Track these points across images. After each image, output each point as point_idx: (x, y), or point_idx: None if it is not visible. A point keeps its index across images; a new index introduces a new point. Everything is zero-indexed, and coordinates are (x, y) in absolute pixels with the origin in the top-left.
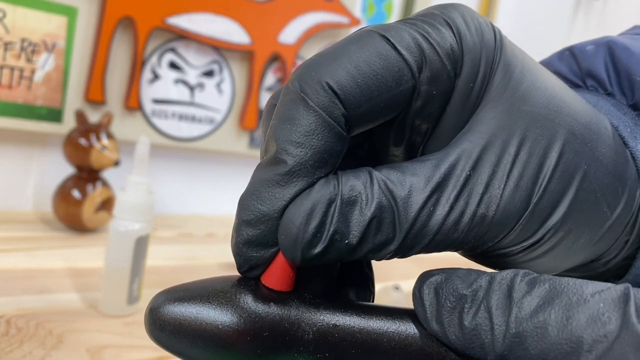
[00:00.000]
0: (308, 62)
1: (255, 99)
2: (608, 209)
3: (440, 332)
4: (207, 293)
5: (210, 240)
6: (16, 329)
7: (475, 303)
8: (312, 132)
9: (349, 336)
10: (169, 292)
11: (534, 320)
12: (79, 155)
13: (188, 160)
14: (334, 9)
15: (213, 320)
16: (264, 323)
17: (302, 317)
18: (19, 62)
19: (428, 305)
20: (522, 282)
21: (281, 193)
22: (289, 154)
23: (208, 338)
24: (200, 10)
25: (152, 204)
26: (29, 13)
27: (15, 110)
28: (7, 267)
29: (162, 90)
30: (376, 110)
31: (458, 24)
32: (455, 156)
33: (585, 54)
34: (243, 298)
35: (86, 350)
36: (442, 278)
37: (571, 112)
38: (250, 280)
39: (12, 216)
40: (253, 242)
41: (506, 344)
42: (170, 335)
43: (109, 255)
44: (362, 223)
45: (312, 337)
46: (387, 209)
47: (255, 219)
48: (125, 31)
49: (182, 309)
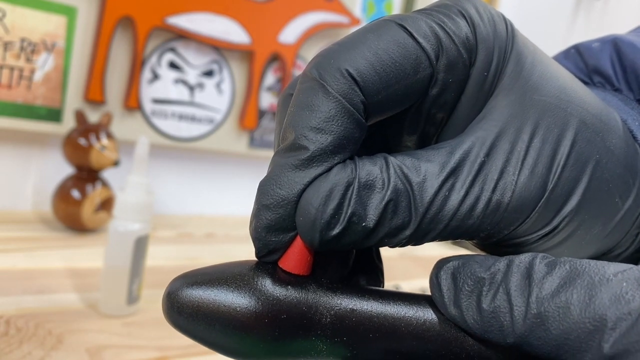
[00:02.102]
0: (326, 51)
1: (255, 99)
2: (620, 200)
3: (459, 317)
4: (224, 276)
5: (209, 240)
6: (16, 329)
7: (494, 286)
8: (332, 118)
9: (367, 320)
10: (187, 276)
11: (555, 300)
12: (78, 155)
13: (188, 160)
14: (334, 8)
15: (231, 303)
16: (282, 306)
17: (319, 301)
18: (18, 62)
19: (445, 290)
20: (541, 264)
21: (300, 177)
22: (308, 140)
23: (226, 321)
24: (200, 9)
25: (151, 204)
26: (29, 13)
27: (14, 110)
28: (7, 267)
29: (162, 90)
30: (394, 98)
31: (472, 15)
32: (469, 143)
33: (591, 51)
34: (261, 281)
35: (85, 351)
36: (459, 263)
37: (582, 102)
38: (267, 264)
39: (12, 216)
40: (272, 227)
41: (527, 325)
42: (188, 319)
43: (108, 256)
44: (378, 206)
45: (329, 320)
46: (403, 193)
47: (275, 203)
48: (125, 31)
49: (200, 292)
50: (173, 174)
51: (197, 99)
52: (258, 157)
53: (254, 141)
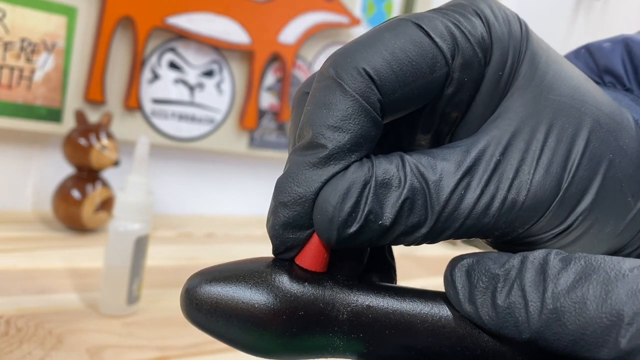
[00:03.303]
0: (342, 50)
1: (255, 99)
2: (632, 199)
3: (474, 313)
4: (242, 273)
5: (209, 240)
6: (16, 329)
7: (508, 282)
8: (349, 116)
9: (383, 317)
10: (204, 273)
11: (571, 296)
12: (78, 155)
13: (188, 160)
14: (334, 8)
15: (249, 300)
16: (299, 302)
17: (336, 297)
18: (18, 62)
19: (460, 287)
20: (555, 259)
21: (317, 175)
22: (326, 138)
23: (244, 317)
24: (200, 10)
25: (151, 204)
26: (29, 13)
27: (14, 110)
28: (7, 267)
29: (162, 90)
30: (410, 96)
31: (487, 14)
32: (484, 142)
33: (602, 51)
34: (278, 278)
35: (86, 351)
36: (473, 260)
37: (595, 102)
38: (284, 261)
39: (12, 216)
40: (290, 224)
41: (542, 320)
42: (206, 315)
43: (108, 255)
44: (395, 204)
45: (346, 317)
46: (420, 192)
47: (292, 201)
48: (125, 31)
49: (218, 289)
50: (173, 174)
51: (197, 99)
52: (258, 157)
53: (254, 141)
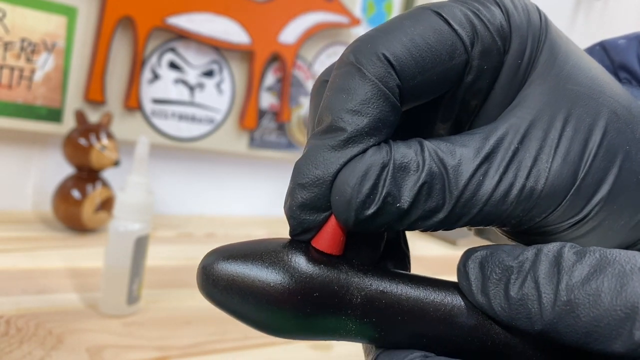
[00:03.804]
0: (363, 37)
1: (255, 99)
2: None
3: (486, 305)
4: (259, 252)
5: (210, 240)
6: (16, 329)
7: (522, 274)
8: (368, 100)
9: (396, 303)
10: (221, 250)
11: (586, 288)
12: (78, 155)
13: (188, 160)
14: (334, 8)
15: (265, 279)
16: (314, 283)
17: (351, 281)
18: (18, 62)
19: (473, 279)
20: (570, 252)
21: (336, 157)
22: (345, 122)
23: (260, 295)
24: (200, 10)
25: (151, 204)
26: (29, 13)
27: (15, 110)
28: (7, 267)
29: (162, 90)
30: (430, 83)
31: (506, 4)
32: (503, 130)
33: (617, 48)
34: (294, 258)
35: (86, 350)
36: (487, 252)
37: (613, 93)
38: (301, 242)
39: (12, 216)
40: (307, 205)
41: (556, 312)
42: (222, 292)
43: (108, 255)
44: (413, 188)
45: (360, 301)
46: (438, 176)
47: (310, 182)
48: (125, 31)
49: (235, 267)
50: (173, 174)
51: (197, 99)
52: (258, 157)
53: (254, 141)
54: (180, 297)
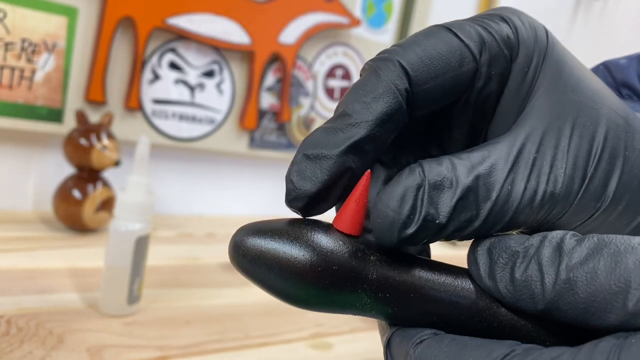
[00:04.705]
0: (384, 50)
1: (255, 99)
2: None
3: (493, 287)
4: (285, 229)
5: (210, 240)
6: (16, 328)
7: (527, 258)
8: (378, 96)
9: (409, 281)
10: (250, 227)
11: (584, 267)
12: (79, 155)
13: (188, 160)
14: (333, 9)
15: (289, 252)
16: (333, 258)
17: (367, 258)
18: (19, 62)
19: (482, 264)
20: (571, 239)
21: (340, 138)
22: (354, 110)
23: (283, 267)
24: (201, 10)
25: (152, 204)
26: (29, 13)
27: (15, 110)
28: (8, 267)
29: (163, 91)
30: (442, 88)
31: (514, 20)
32: (522, 139)
33: (619, 67)
34: (316, 235)
35: (86, 350)
36: (495, 240)
37: (612, 104)
38: (323, 223)
39: (13, 216)
40: (306, 176)
41: (556, 290)
42: (250, 262)
43: (109, 255)
44: (449, 204)
45: (375, 277)
46: (472, 189)
47: (314, 155)
48: (126, 31)
49: (262, 241)
50: (173, 174)
51: (197, 99)
52: (258, 157)
53: (254, 141)
54: (180, 297)
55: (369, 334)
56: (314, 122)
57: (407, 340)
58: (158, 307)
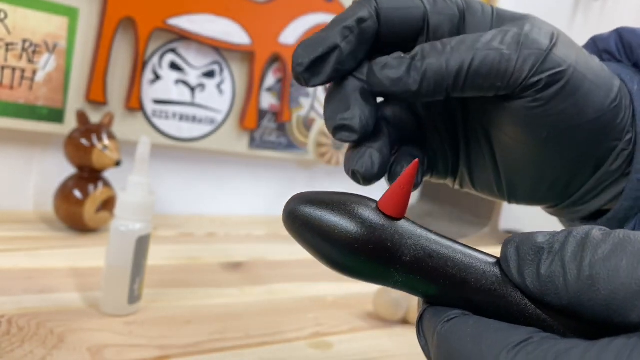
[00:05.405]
0: None
1: (255, 100)
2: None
3: (522, 284)
4: (332, 201)
5: (210, 240)
6: (17, 328)
7: (552, 254)
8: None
9: (441, 267)
10: (303, 196)
11: (606, 264)
12: (80, 155)
13: (189, 160)
14: (334, 9)
15: (333, 222)
16: (372, 235)
17: (404, 241)
18: (20, 62)
19: (511, 261)
20: (598, 233)
21: (332, 25)
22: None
23: (327, 235)
24: (201, 11)
25: (152, 204)
26: (30, 14)
27: (16, 110)
28: (8, 266)
29: (163, 91)
30: (399, 18)
31: None
32: None
33: (601, 38)
34: (361, 211)
35: (87, 350)
36: (523, 237)
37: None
38: (369, 201)
39: (14, 216)
40: (313, 45)
41: (579, 286)
42: (300, 227)
43: (109, 255)
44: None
45: (409, 259)
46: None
47: (329, 26)
48: (126, 32)
49: (312, 209)
50: (174, 174)
51: (198, 99)
52: (258, 157)
53: (254, 141)
54: (181, 297)
55: (369, 334)
56: (314, 123)
57: (437, 318)
58: (159, 306)
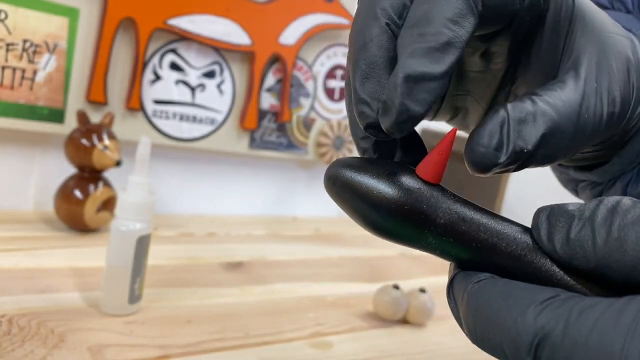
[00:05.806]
0: None
1: (255, 100)
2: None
3: (551, 249)
4: (371, 167)
5: (210, 240)
6: (18, 328)
7: (582, 220)
8: (463, 14)
9: (474, 232)
10: (343, 161)
11: (635, 227)
12: (80, 155)
13: (189, 160)
14: (334, 10)
15: (371, 184)
16: (408, 197)
17: (439, 205)
18: (20, 62)
19: (542, 228)
20: (627, 201)
21: (439, 57)
22: (447, 27)
23: (365, 196)
24: (201, 11)
25: (153, 203)
26: (31, 14)
27: (17, 110)
28: (9, 266)
29: (163, 91)
30: (497, 8)
31: None
32: (584, 74)
33: None
34: (398, 175)
35: (87, 349)
36: (555, 205)
37: (623, 33)
38: (405, 167)
39: (14, 216)
40: (415, 98)
41: (607, 248)
42: (340, 188)
43: (110, 255)
44: (536, 135)
45: (443, 222)
46: (555, 121)
47: (419, 76)
48: (127, 32)
49: (351, 173)
50: (174, 174)
51: (198, 99)
52: (258, 157)
53: (255, 142)
54: (181, 296)
55: (369, 334)
56: (314, 123)
57: (467, 280)
58: (159, 306)
